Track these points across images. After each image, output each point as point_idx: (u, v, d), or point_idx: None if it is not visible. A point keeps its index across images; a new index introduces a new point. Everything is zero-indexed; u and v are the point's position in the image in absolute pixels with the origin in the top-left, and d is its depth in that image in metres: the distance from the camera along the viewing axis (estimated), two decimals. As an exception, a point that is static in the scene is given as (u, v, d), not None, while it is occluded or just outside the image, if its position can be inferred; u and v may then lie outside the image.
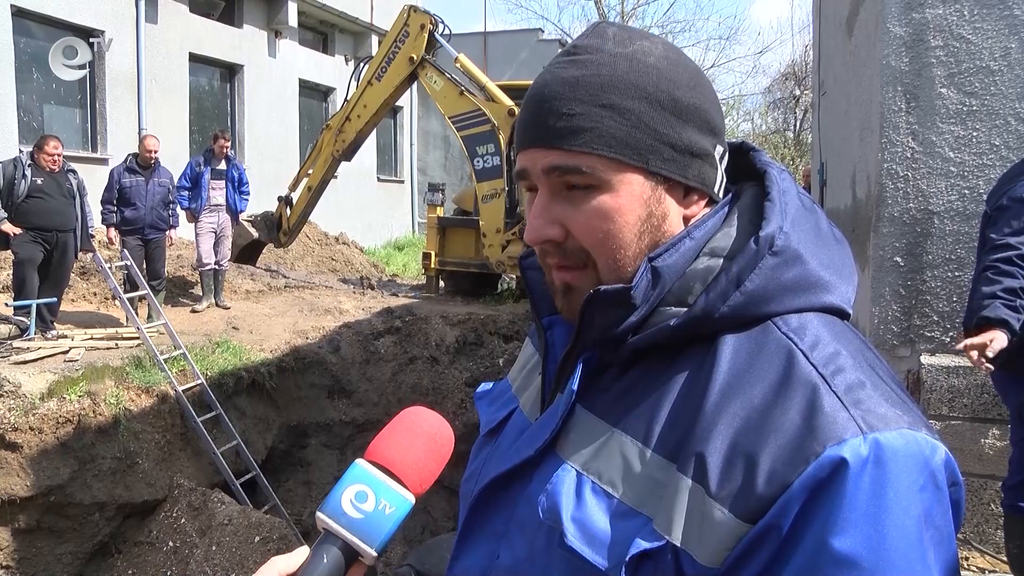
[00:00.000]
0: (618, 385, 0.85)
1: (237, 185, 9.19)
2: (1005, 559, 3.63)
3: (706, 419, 0.75)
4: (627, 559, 0.74)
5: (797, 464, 0.69)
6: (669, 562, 0.73)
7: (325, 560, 0.77)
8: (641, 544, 0.74)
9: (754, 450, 0.71)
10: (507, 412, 1.02)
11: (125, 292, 7.57)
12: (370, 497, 0.79)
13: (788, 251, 0.80)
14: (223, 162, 9.08)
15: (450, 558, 0.96)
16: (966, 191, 3.94)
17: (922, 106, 3.98)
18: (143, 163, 8.18)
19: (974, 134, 3.93)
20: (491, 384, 1.13)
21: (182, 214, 8.99)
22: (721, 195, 0.88)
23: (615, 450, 0.80)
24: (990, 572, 3.72)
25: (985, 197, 3.78)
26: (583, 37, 0.85)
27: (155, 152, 8.22)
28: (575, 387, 0.85)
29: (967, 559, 3.81)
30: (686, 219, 0.86)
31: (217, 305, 9.20)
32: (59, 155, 7.35)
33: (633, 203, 0.82)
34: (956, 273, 3.97)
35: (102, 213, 8.10)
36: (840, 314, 0.83)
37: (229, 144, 9.10)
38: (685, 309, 0.81)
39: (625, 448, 0.80)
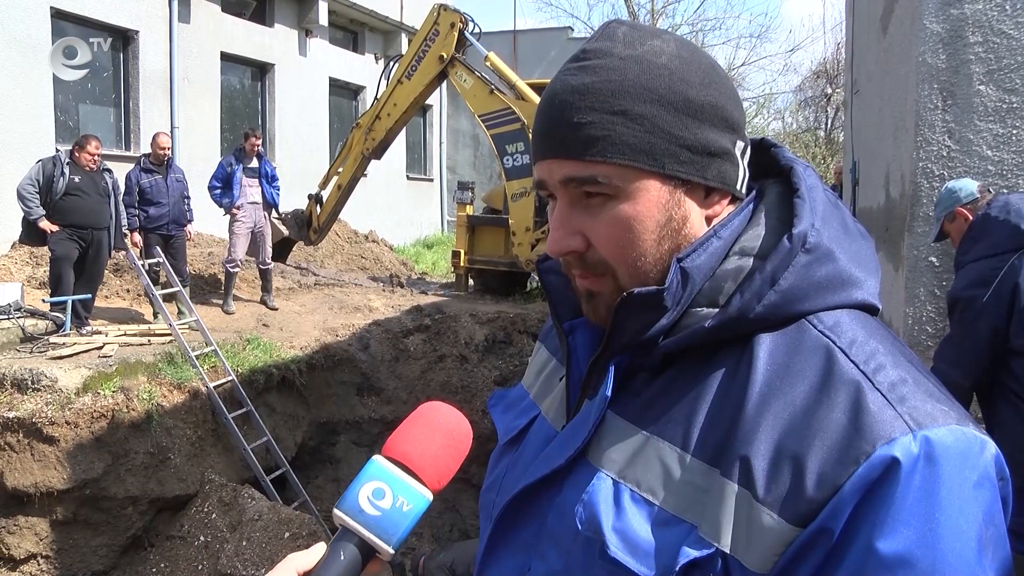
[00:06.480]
0: (650, 390, 0.83)
1: (269, 181, 9.24)
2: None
3: (748, 421, 0.73)
4: (677, 568, 0.72)
5: (847, 465, 0.67)
6: (718, 570, 0.72)
7: (342, 557, 0.77)
8: (690, 553, 0.72)
9: (800, 452, 0.69)
10: (528, 420, 1.00)
11: (157, 290, 7.68)
12: (387, 494, 0.78)
13: (820, 248, 0.79)
14: (255, 160, 9.14)
15: (476, 572, 0.94)
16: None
17: (959, 104, 3.91)
18: (157, 161, 8.21)
19: (1014, 132, 3.85)
20: (503, 391, 1.11)
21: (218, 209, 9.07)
22: (744, 192, 0.87)
23: (653, 456, 0.79)
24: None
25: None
26: (592, 40, 0.83)
27: (168, 149, 8.28)
28: (608, 393, 0.83)
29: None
30: (708, 219, 0.84)
31: (266, 305, 9.25)
32: (99, 155, 7.49)
33: (652, 209, 0.81)
34: (994, 274, 3.90)
35: (126, 217, 8.13)
36: (870, 310, 0.82)
37: (259, 142, 9.15)
38: (717, 310, 0.79)
39: (663, 454, 0.78)
